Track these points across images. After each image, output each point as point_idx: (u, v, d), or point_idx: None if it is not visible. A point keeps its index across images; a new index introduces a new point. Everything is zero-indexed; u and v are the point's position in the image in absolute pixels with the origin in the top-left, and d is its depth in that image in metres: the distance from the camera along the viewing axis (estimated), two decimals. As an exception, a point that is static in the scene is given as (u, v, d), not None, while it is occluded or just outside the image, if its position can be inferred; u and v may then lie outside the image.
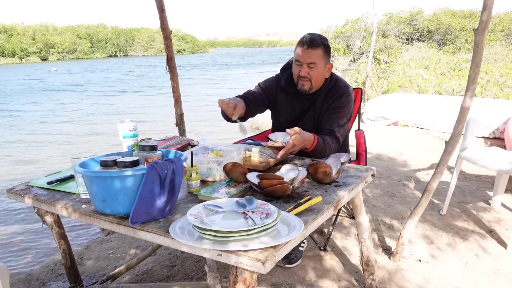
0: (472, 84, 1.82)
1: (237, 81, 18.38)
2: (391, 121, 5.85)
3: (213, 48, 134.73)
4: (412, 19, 19.24)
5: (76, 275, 1.93)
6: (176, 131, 3.44)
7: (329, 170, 1.46)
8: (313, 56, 1.86)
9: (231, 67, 30.68)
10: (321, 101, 2.00)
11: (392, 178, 3.58)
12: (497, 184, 2.78)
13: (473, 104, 1.92)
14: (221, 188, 1.41)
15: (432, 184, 2.03)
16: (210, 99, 10.48)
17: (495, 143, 4.63)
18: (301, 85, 1.94)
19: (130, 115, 9.57)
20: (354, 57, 17.71)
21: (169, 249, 2.36)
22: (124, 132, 1.72)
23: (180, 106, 3.38)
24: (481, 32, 1.74)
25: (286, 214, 1.17)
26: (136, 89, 15.44)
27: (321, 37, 1.90)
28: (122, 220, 1.21)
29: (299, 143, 1.63)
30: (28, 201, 1.50)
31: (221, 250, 0.99)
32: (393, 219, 2.72)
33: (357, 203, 1.71)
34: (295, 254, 2.14)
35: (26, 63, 49.58)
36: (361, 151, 2.42)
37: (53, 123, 8.75)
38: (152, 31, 72.32)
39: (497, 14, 18.41)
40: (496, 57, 11.37)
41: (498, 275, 2.04)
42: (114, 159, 1.24)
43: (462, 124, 1.92)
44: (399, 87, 8.47)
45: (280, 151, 1.64)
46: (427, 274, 2.05)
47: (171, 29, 3.16)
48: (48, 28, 59.29)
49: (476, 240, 2.39)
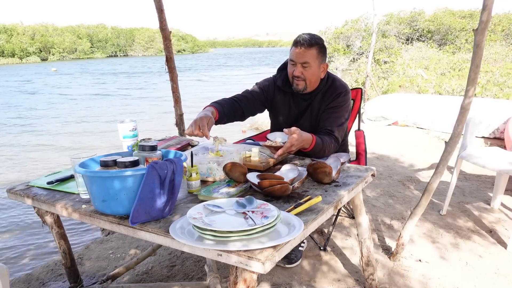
0: (472, 84, 1.82)
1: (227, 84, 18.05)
2: (391, 121, 5.85)
3: (213, 48, 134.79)
4: (412, 20, 19.26)
5: (76, 275, 1.93)
6: (176, 131, 3.44)
7: (329, 170, 1.46)
8: (307, 56, 1.86)
9: (224, 67, 30.12)
10: (319, 101, 2.00)
11: (392, 178, 3.58)
12: (497, 184, 2.78)
13: (473, 104, 1.92)
14: (221, 188, 1.41)
15: (432, 184, 2.03)
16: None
17: (495, 143, 4.63)
18: (295, 84, 1.94)
19: (130, 115, 9.58)
20: (354, 57, 17.73)
21: (169, 249, 2.36)
22: (124, 132, 1.72)
23: (180, 107, 3.38)
24: (481, 32, 1.74)
25: (286, 214, 1.17)
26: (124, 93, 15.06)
27: (316, 37, 1.90)
28: (122, 220, 1.21)
29: (297, 143, 1.63)
30: (28, 201, 1.50)
31: (221, 250, 0.99)
32: (393, 219, 2.72)
33: (357, 203, 1.71)
34: (295, 254, 2.14)
35: (26, 63, 49.59)
36: (361, 151, 2.42)
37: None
38: (152, 31, 72.35)
39: (497, 14, 18.42)
40: (496, 57, 11.37)
41: (498, 275, 2.04)
42: (114, 159, 1.24)
43: (462, 124, 1.92)
44: (399, 87, 8.47)
45: (278, 151, 1.64)
46: (427, 274, 2.05)
47: (171, 29, 3.16)
48: (48, 28, 59.30)
49: (476, 240, 2.39)
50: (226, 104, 1.95)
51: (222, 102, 1.96)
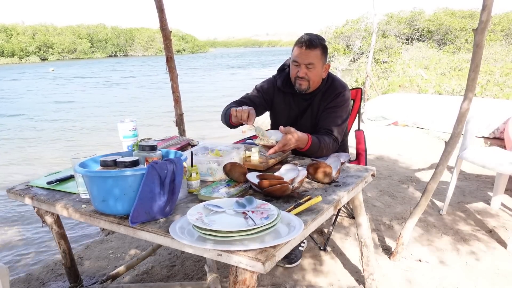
0: (472, 84, 1.82)
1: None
2: (391, 121, 5.85)
3: (213, 48, 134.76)
4: (412, 19, 19.26)
5: (76, 275, 1.93)
6: (176, 131, 3.44)
7: (329, 170, 1.46)
8: (311, 57, 1.86)
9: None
10: (318, 101, 2.00)
11: (392, 178, 3.58)
12: (497, 184, 2.78)
13: (473, 104, 1.92)
14: (221, 188, 1.41)
15: (432, 184, 2.03)
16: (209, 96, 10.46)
17: (495, 143, 4.63)
18: (298, 85, 1.94)
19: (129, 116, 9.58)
20: (354, 57, 17.73)
21: (169, 249, 2.36)
22: (124, 132, 1.72)
23: (180, 106, 3.38)
24: (481, 32, 1.74)
25: (286, 214, 1.17)
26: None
27: (319, 38, 1.90)
28: (122, 220, 1.21)
29: (290, 142, 1.63)
30: (28, 201, 1.50)
31: (221, 250, 0.99)
32: (393, 219, 2.72)
33: (357, 203, 1.71)
34: (295, 254, 2.14)
35: (26, 63, 49.59)
36: (361, 151, 2.42)
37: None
38: (152, 31, 72.35)
39: (497, 14, 18.42)
40: (496, 57, 11.38)
41: (498, 275, 2.04)
42: (114, 159, 1.24)
43: (462, 124, 1.92)
44: (399, 87, 8.47)
45: (270, 150, 1.64)
46: (427, 274, 2.05)
47: (171, 29, 3.16)
48: (48, 28, 59.34)
49: (476, 240, 2.39)
50: (236, 106, 1.96)
51: (233, 105, 1.99)
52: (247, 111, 1.78)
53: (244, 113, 1.77)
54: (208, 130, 7.25)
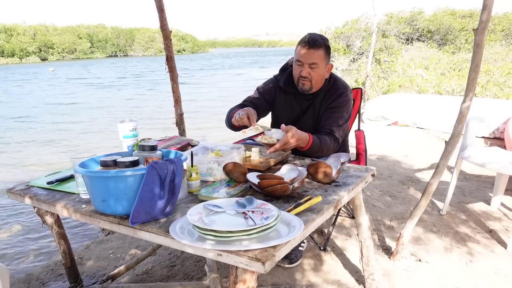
0: (472, 84, 1.82)
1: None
2: (391, 121, 5.85)
3: (213, 48, 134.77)
4: (412, 19, 19.26)
5: (76, 275, 1.93)
6: (176, 131, 3.44)
7: (329, 170, 1.46)
8: (315, 57, 1.86)
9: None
10: (320, 101, 2.00)
11: (392, 178, 3.58)
12: (497, 184, 2.78)
13: (473, 104, 1.92)
14: (221, 188, 1.41)
15: (432, 184, 2.03)
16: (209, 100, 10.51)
17: (495, 143, 4.63)
18: (301, 84, 1.94)
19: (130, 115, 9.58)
20: (354, 57, 17.72)
21: (169, 249, 2.36)
22: (124, 132, 1.72)
23: (180, 106, 3.38)
24: (481, 32, 1.74)
25: (286, 214, 1.17)
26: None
27: (323, 38, 1.90)
28: (122, 220, 1.21)
29: (291, 141, 1.63)
30: (28, 201, 1.50)
31: (221, 250, 0.99)
32: (393, 219, 2.72)
33: (357, 203, 1.71)
34: (295, 254, 2.14)
35: (26, 63, 49.59)
36: (361, 151, 2.42)
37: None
38: (152, 31, 72.38)
39: (497, 14, 18.42)
40: (496, 57, 11.38)
41: (498, 275, 2.04)
42: (114, 159, 1.24)
43: (462, 124, 1.92)
44: (399, 87, 8.47)
45: (271, 148, 1.64)
46: (427, 274, 2.05)
47: (171, 29, 3.16)
48: (48, 28, 59.38)
49: (476, 240, 2.39)
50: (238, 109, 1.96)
51: (235, 108, 2.00)
52: (245, 115, 1.78)
53: (243, 118, 1.78)
54: (208, 130, 7.25)
